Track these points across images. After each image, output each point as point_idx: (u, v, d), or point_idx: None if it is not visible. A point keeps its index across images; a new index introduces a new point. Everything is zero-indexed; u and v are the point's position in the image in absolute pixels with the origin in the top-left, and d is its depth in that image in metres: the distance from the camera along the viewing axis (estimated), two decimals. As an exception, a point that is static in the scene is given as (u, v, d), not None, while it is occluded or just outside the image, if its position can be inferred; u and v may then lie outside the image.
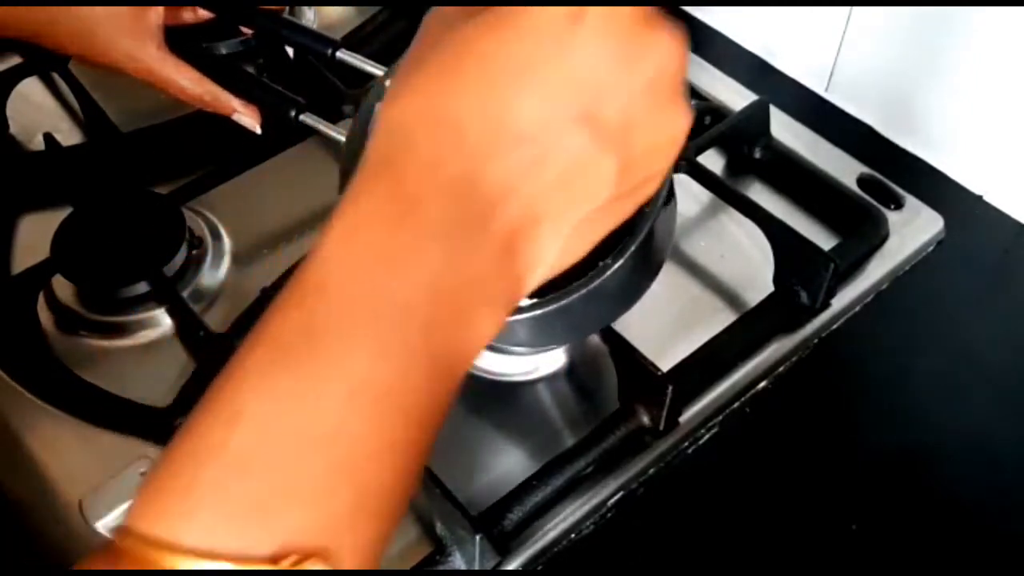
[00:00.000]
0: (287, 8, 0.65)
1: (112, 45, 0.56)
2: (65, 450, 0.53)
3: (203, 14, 0.62)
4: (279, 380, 0.25)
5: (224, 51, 0.67)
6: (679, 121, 0.30)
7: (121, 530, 0.25)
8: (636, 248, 0.41)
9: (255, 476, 0.25)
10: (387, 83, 0.50)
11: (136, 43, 0.56)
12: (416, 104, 0.28)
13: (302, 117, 0.59)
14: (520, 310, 0.42)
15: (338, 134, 0.55)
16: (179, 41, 0.59)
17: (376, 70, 0.55)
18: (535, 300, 0.42)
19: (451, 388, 0.28)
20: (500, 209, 0.28)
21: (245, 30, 0.66)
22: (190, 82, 0.58)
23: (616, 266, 0.41)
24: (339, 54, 0.58)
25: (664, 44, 0.29)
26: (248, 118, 0.59)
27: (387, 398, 0.26)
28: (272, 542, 0.24)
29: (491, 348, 0.56)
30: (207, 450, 0.25)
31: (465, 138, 0.27)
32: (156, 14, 0.57)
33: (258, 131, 0.60)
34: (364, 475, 0.26)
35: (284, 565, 0.24)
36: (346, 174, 0.45)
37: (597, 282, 0.41)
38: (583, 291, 0.41)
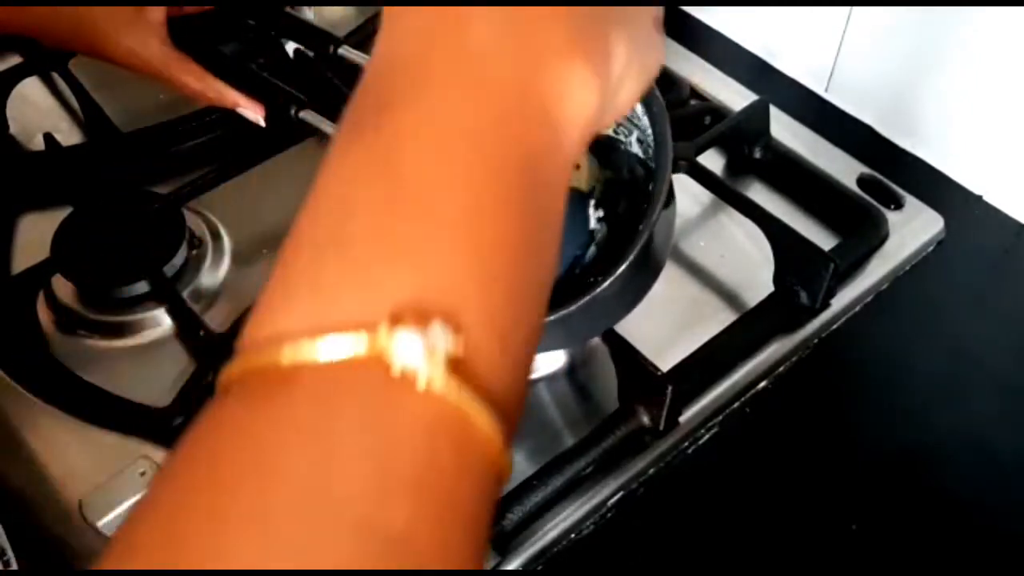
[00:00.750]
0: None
1: (114, 42, 0.57)
2: (65, 450, 0.53)
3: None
4: (356, 147, 0.23)
5: (225, 52, 0.67)
6: (658, 50, 0.31)
7: (239, 346, 0.22)
8: (636, 255, 0.42)
9: (350, 246, 0.22)
10: None
11: (138, 39, 0.56)
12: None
13: (302, 114, 0.59)
14: None
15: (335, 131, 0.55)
16: (183, 37, 0.59)
17: None
18: None
19: (557, 149, 0.24)
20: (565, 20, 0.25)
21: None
22: (193, 78, 0.58)
23: (617, 273, 0.41)
24: (340, 50, 0.58)
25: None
26: (252, 112, 0.60)
27: (484, 138, 0.23)
28: (385, 305, 0.21)
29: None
30: (295, 243, 0.23)
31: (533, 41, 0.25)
32: (158, 10, 0.57)
33: (262, 124, 0.60)
34: (480, 228, 0.22)
35: (400, 328, 0.20)
36: None
37: (598, 290, 0.41)
38: (585, 299, 0.41)
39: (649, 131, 0.46)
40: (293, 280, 0.22)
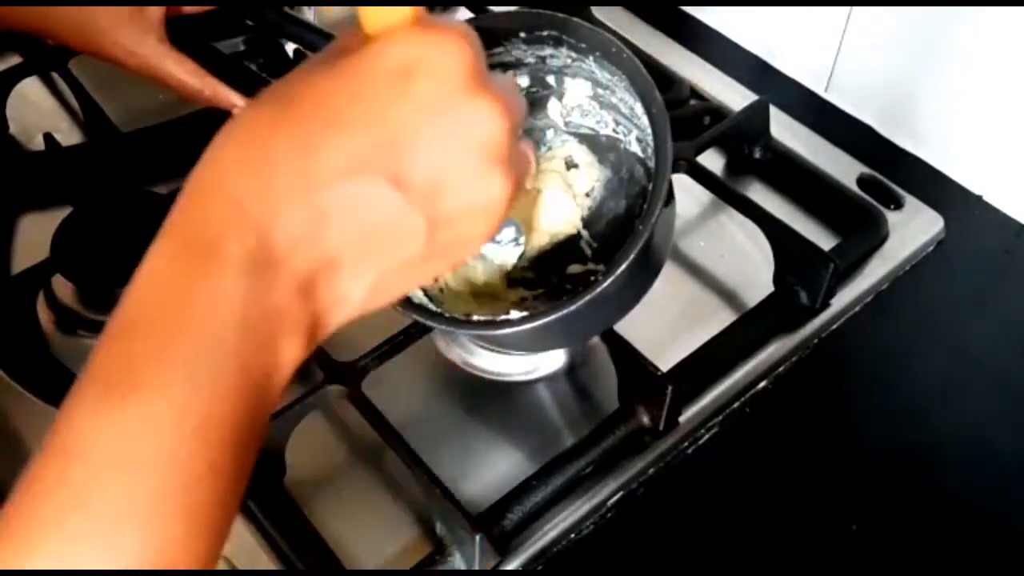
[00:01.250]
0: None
1: (112, 39, 0.57)
2: None
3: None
4: (106, 415, 0.27)
5: (225, 52, 0.67)
6: (496, 187, 0.31)
7: None
8: (636, 254, 0.41)
9: (90, 508, 0.26)
10: None
11: (136, 37, 0.57)
12: (237, 140, 0.30)
13: None
14: (519, 321, 0.42)
15: None
16: (182, 37, 0.59)
17: None
18: (532, 312, 0.42)
19: (264, 411, 0.30)
20: (298, 251, 0.29)
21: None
22: (191, 76, 0.58)
23: (617, 273, 0.41)
24: None
25: (487, 112, 0.30)
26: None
27: (206, 423, 0.27)
28: (114, 564, 0.26)
29: (490, 348, 0.57)
30: (44, 489, 0.27)
31: (272, 179, 0.29)
32: (157, 9, 0.57)
33: None
34: (192, 498, 0.27)
35: None
36: None
37: (598, 290, 0.41)
38: (585, 299, 0.41)
39: (649, 131, 0.47)
40: (40, 525, 0.27)
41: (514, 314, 0.42)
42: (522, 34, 0.46)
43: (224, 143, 0.30)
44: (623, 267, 0.41)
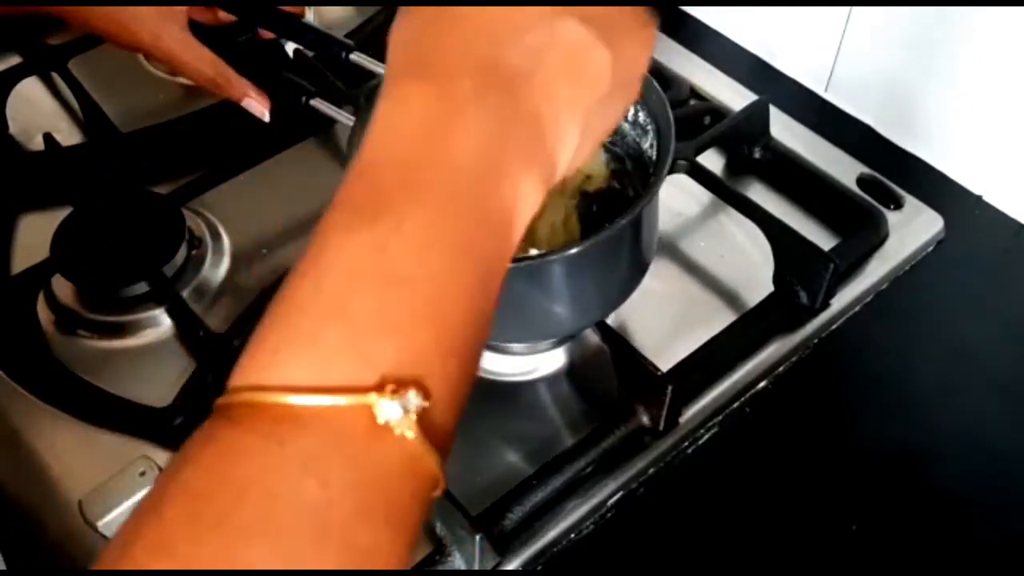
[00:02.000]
0: (306, 9, 0.66)
1: (137, 22, 0.59)
2: (65, 450, 0.53)
3: (223, 16, 0.63)
4: (356, 235, 0.28)
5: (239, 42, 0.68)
6: (647, 29, 0.35)
7: (229, 389, 0.27)
8: (627, 223, 0.44)
9: (347, 319, 0.27)
10: None
11: (161, 21, 0.59)
12: (427, 13, 0.32)
13: (312, 102, 0.60)
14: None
15: (346, 119, 0.56)
16: (199, 30, 0.60)
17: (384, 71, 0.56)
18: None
19: (507, 244, 0.31)
20: (524, 85, 0.31)
21: (267, 34, 0.67)
22: (207, 64, 0.60)
23: (599, 237, 0.44)
24: (352, 56, 0.60)
25: None
26: (258, 104, 0.61)
27: (455, 244, 0.28)
28: (372, 374, 0.26)
29: (490, 348, 0.57)
30: (299, 305, 0.27)
31: (479, 30, 0.31)
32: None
33: (266, 118, 0.61)
34: (444, 314, 0.28)
35: (385, 394, 0.26)
36: (349, 156, 0.48)
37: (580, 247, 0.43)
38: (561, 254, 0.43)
39: (641, 115, 0.48)
40: (296, 338, 0.27)
41: None
42: None
43: (417, 18, 0.32)
44: (609, 231, 0.42)
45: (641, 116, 0.51)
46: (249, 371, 0.27)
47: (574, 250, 0.43)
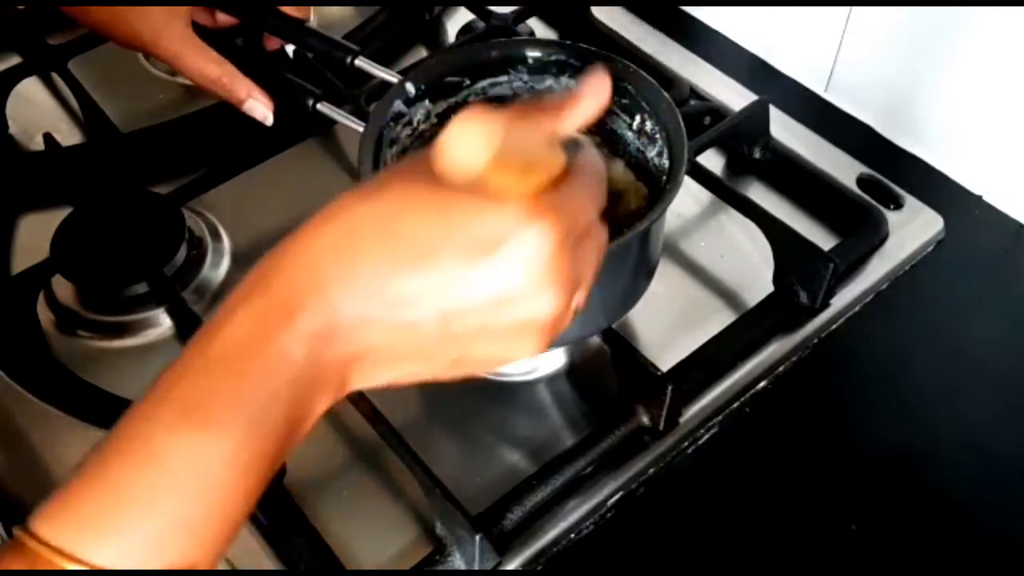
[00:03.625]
0: (310, 12, 0.65)
1: (140, 19, 0.59)
2: (65, 450, 0.53)
3: (222, 19, 0.63)
4: (183, 435, 0.31)
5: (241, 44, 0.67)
6: (526, 350, 0.36)
7: (29, 531, 0.31)
8: (641, 232, 0.44)
9: (156, 514, 0.31)
10: (407, 86, 0.52)
11: (164, 20, 0.59)
12: (338, 230, 0.35)
13: (319, 106, 0.60)
14: None
15: (355, 124, 0.56)
16: (202, 31, 0.60)
17: (390, 77, 0.57)
18: None
19: (291, 448, 0.35)
20: (350, 339, 0.34)
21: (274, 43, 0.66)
22: (211, 63, 0.59)
23: (624, 239, 0.44)
24: (357, 61, 0.60)
25: (551, 301, 0.34)
26: (261, 107, 0.60)
27: (255, 458, 0.32)
28: (161, 565, 0.30)
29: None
30: (118, 482, 0.31)
31: (356, 279, 0.34)
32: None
33: (269, 122, 0.61)
34: (231, 512, 0.32)
35: None
36: (361, 163, 0.49)
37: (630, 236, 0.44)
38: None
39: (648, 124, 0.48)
40: (108, 518, 0.31)
41: None
42: (531, 59, 0.48)
43: (326, 225, 0.36)
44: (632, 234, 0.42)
45: (648, 125, 0.51)
46: (55, 525, 0.31)
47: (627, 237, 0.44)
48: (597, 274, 0.37)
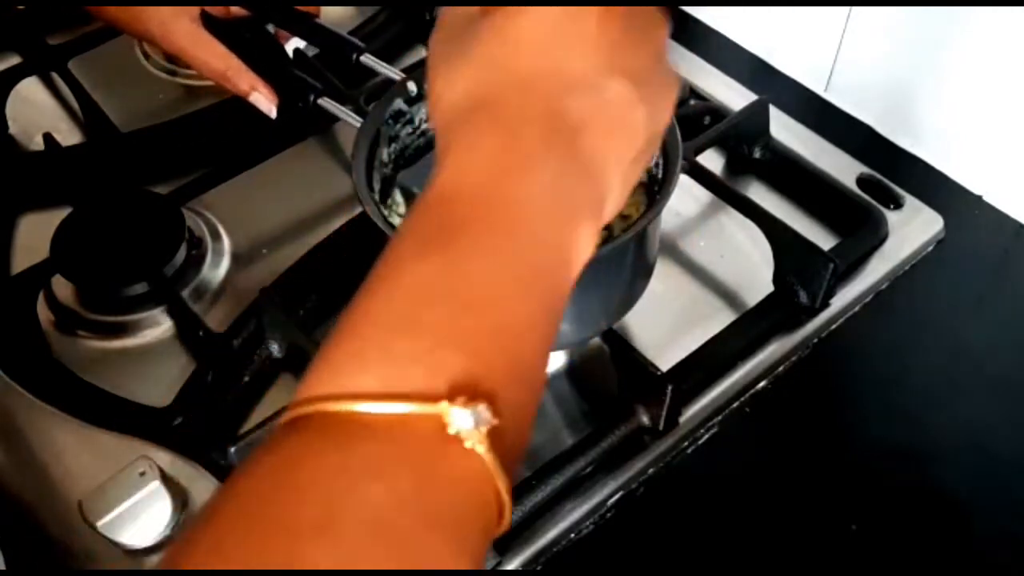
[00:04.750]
0: (320, 9, 0.66)
1: (148, 12, 0.60)
2: (65, 450, 0.53)
3: (235, 11, 0.64)
4: (428, 259, 0.28)
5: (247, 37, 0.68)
6: (673, 75, 0.36)
7: (300, 399, 0.27)
8: (640, 231, 0.44)
9: (419, 332, 0.27)
10: (409, 85, 0.52)
11: (172, 13, 0.60)
12: (480, 72, 0.33)
13: (320, 101, 0.60)
14: None
15: (353, 120, 0.56)
16: (214, 24, 0.60)
17: (394, 74, 0.57)
18: None
19: (566, 284, 0.31)
20: (580, 137, 0.32)
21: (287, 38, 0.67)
22: (216, 57, 0.60)
23: (621, 240, 0.43)
24: (362, 58, 0.60)
25: (654, 16, 0.35)
26: (265, 100, 0.61)
27: (524, 276, 0.29)
28: (443, 385, 0.26)
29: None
30: (369, 319, 0.28)
31: (537, 86, 0.32)
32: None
33: (273, 115, 0.62)
34: (514, 341, 0.29)
35: (457, 403, 0.26)
36: (354, 156, 0.48)
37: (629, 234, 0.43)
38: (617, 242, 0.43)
39: None
40: (366, 349, 0.27)
41: None
42: None
43: (477, 76, 0.33)
44: (636, 230, 0.42)
45: None
46: (315, 384, 0.27)
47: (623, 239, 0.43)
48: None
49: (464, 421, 0.26)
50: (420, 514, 0.25)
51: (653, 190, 0.50)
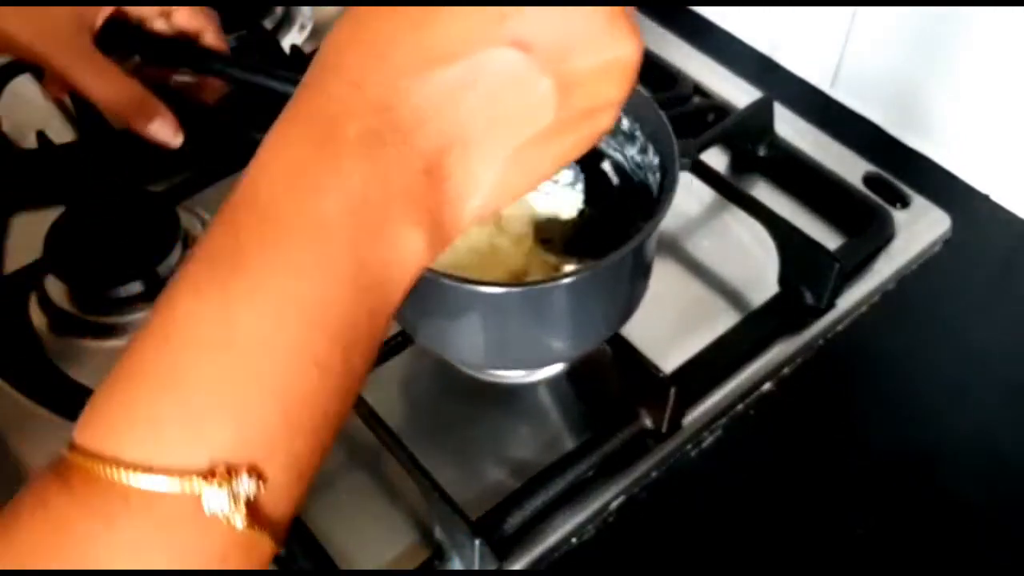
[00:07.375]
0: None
1: (24, 22, 0.51)
2: (58, 452, 0.52)
3: (178, 24, 0.58)
4: (207, 295, 0.26)
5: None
6: (625, 43, 0.29)
7: (69, 445, 0.27)
8: (636, 245, 0.42)
9: (185, 393, 0.26)
10: None
11: (54, 25, 0.51)
12: (349, 27, 0.29)
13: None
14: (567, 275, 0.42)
15: None
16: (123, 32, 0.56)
17: None
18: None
19: (382, 312, 0.28)
20: (424, 128, 0.28)
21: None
22: (109, 84, 0.53)
23: (624, 252, 0.42)
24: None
25: None
26: (168, 128, 0.56)
27: (309, 314, 0.26)
28: (204, 456, 0.25)
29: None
30: (141, 369, 0.26)
31: (390, 58, 0.28)
32: (101, 12, 0.54)
33: (177, 144, 0.57)
34: (290, 388, 0.26)
35: (214, 482, 0.25)
36: None
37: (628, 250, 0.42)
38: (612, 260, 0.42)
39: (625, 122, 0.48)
40: (136, 404, 0.26)
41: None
42: None
43: (341, 28, 0.29)
44: (635, 244, 0.41)
45: (625, 123, 0.50)
46: (89, 431, 0.27)
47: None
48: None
49: (218, 502, 0.25)
50: None
51: (643, 183, 0.50)
